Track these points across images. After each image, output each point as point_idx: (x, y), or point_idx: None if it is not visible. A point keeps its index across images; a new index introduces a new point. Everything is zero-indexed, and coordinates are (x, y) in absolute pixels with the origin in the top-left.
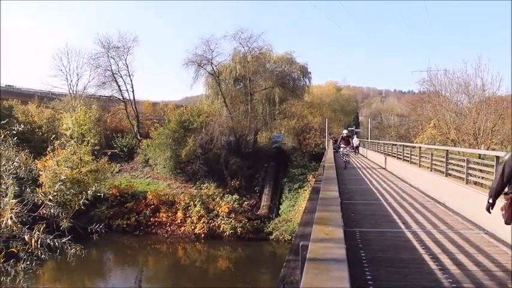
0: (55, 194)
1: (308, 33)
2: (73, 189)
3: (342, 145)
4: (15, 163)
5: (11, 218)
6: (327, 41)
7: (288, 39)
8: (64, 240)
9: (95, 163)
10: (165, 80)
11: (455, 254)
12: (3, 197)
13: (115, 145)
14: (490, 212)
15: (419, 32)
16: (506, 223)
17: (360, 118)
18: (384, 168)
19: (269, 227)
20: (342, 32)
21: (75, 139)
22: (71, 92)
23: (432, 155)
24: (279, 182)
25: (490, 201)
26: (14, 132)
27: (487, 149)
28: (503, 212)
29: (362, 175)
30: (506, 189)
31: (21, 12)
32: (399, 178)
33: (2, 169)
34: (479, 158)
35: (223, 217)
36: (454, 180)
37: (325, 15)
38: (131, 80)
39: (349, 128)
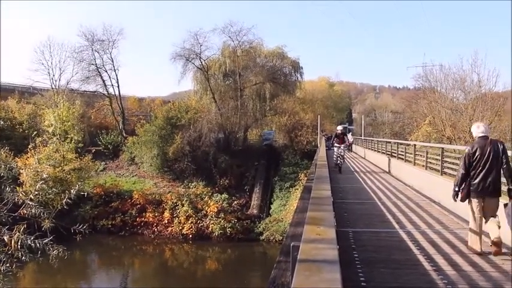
0: (36, 193)
1: (300, 28)
2: (55, 188)
3: (336, 144)
4: None
5: None
6: (319, 35)
7: (280, 33)
8: (46, 241)
9: (78, 161)
10: (152, 75)
11: (451, 255)
12: None
13: (99, 142)
14: (455, 200)
15: (417, 30)
16: (461, 201)
17: (354, 115)
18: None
19: (259, 227)
20: (335, 27)
21: (58, 136)
22: (54, 86)
23: (427, 153)
24: (269, 181)
25: (456, 189)
26: None
27: None
28: (461, 192)
29: (360, 179)
30: None
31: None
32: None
33: None
34: None
35: (212, 217)
36: (450, 179)
37: (321, 11)
38: (116, 75)
39: (342, 125)
